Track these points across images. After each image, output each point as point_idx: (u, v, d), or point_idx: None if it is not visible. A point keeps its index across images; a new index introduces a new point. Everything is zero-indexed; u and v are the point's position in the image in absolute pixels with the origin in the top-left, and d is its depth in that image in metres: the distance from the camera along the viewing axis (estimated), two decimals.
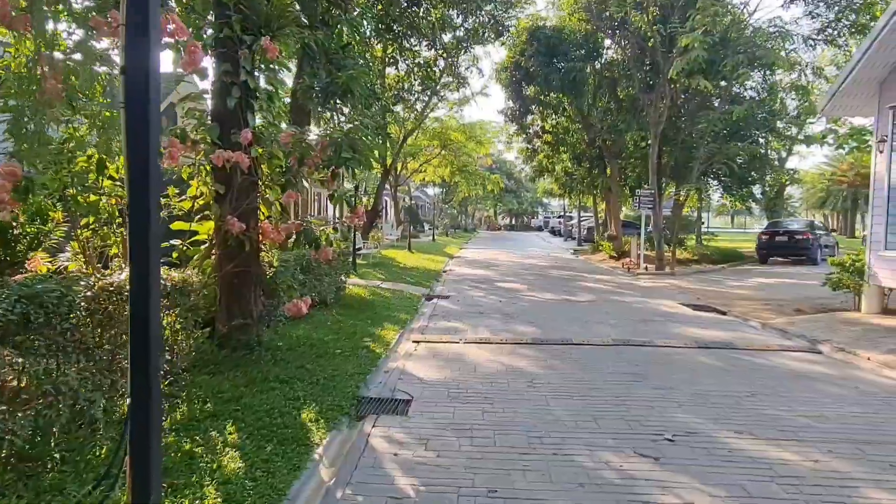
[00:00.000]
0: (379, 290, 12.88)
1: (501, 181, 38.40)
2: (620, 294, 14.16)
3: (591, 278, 17.66)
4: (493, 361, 7.21)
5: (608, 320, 10.35)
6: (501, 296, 13.38)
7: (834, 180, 44.54)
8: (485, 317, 10.51)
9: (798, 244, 20.91)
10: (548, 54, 21.50)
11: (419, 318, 10.34)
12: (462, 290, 14.43)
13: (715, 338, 8.93)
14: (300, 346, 7.10)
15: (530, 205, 76.10)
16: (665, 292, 14.60)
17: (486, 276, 17.89)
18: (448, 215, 52.56)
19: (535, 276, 17.89)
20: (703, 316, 11.16)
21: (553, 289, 14.85)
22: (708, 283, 16.47)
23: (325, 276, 9.87)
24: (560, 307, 11.88)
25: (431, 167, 33.60)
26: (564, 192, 31.34)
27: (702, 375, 6.68)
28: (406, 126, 22.98)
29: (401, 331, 8.84)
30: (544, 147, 26.53)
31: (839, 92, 10.30)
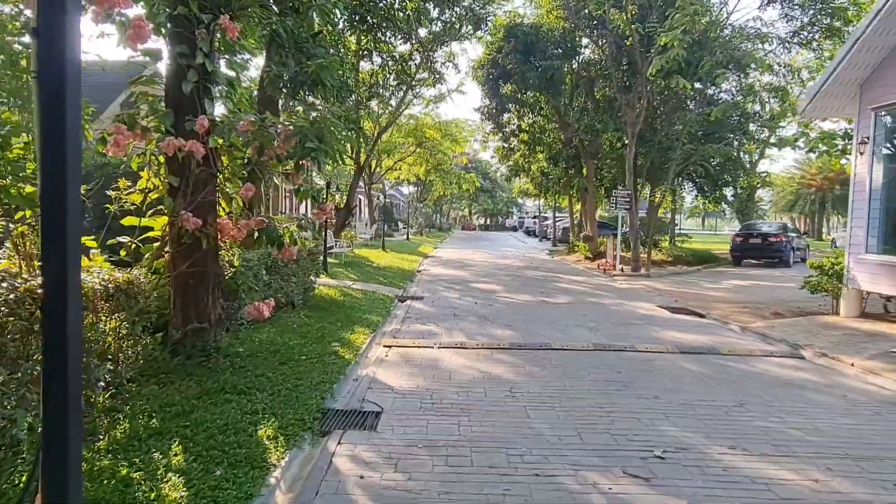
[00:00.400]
0: (350, 290, 12.41)
1: (477, 180, 38.06)
2: (597, 296, 13.91)
3: (568, 279, 17.42)
4: (470, 368, 6.83)
5: (587, 323, 10.05)
6: (477, 297, 13.02)
7: (803, 183, 45.37)
8: (460, 319, 10.13)
9: (771, 246, 21.02)
10: (525, 52, 21.22)
11: (391, 320, 9.90)
12: (436, 291, 14.03)
13: (696, 342, 8.69)
14: (263, 351, 6.62)
15: (505, 205, 75.99)
16: (642, 294, 14.41)
17: (460, 276, 17.52)
18: (423, 214, 52.08)
19: (511, 277, 17.58)
20: (682, 319, 10.94)
21: (529, 290, 14.55)
22: (684, 285, 16.36)
23: (293, 276, 9.38)
24: (537, 309, 11.56)
25: (406, 165, 33.09)
26: (540, 192, 31.15)
27: (686, 383, 6.39)
28: (380, 122, 22.48)
29: (372, 334, 8.40)
30: (521, 146, 26.27)
31: (820, 93, 10.17)
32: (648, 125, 21.16)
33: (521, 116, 25.46)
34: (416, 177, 36.00)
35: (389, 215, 50.90)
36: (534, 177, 29.40)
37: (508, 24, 22.01)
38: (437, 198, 52.06)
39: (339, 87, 10.66)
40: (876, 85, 9.62)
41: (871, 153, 9.47)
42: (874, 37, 9.21)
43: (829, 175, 44.79)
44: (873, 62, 9.53)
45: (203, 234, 5.65)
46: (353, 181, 20.41)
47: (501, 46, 22.23)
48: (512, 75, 21.92)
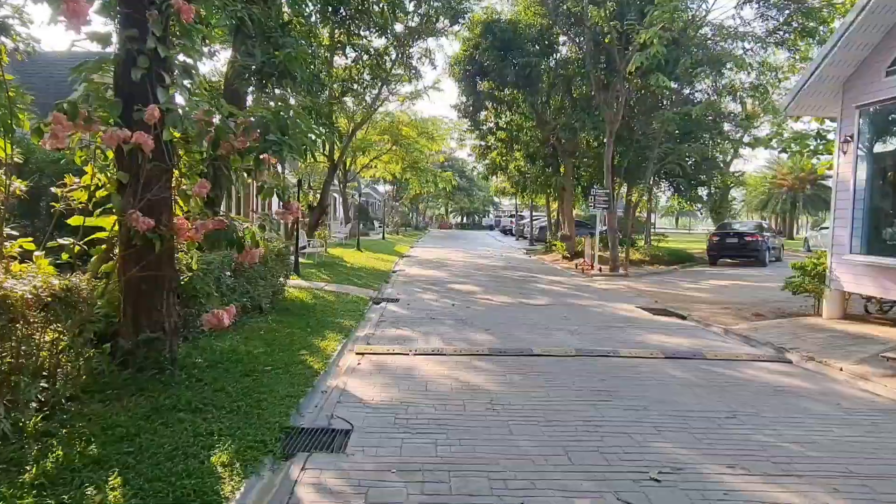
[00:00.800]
0: (323, 292, 11.92)
1: (453, 179, 37.68)
2: (577, 297, 13.64)
3: (546, 280, 17.15)
4: (447, 377, 6.43)
5: (568, 326, 9.73)
6: (454, 298, 12.63)
7: (774, 183, 45.98)
8: (437, 323, 9.73)
9: (748, 246, 21.04)
10: (502, 48, 20.90)
11: (365, 324, 9.45)
12: (412, 292, 13.61)
13: (680, 346, 8.43)
14: (224, 362, 6.13)
15: (482, 203, 75.78)
16: (622, 295, 14.19)
17: (437, 277, 17.12)
18: (399, 213, 51.53)
19: (489, 278, 17.24)
20: (663, 321, 10.71)
21: (508, 291, 14.21)
22: (663, 286, 16.20)
23: (261, 279, 8.87)
24: (517, 311, 11.21)
25: (382, 163, 32.56)
26: (517, 190, 30.90)
27: (675, 392, 6.08)
28: (355, 119, 21.94)
29: (344, 340, 7.95)
30: (498, 144, 25.96)
31: (803, 91, 10.00)
32: (625, 124, 21.02)
33: (498, 114, 25.15)
34: (392, 175, 35.49)
35: (365, 214, 50.26)
36: (511, 175, 29.14)
37: (486, 20, 21.66)
38: (414, 196, 51.56)
39: (311, 80, 10.18)
40: (859, 82, 9.47)
41: (854, 152, 9.32)
42: (857, 34, 9.05)
43: (800, 175, 45.41)
44: (856, 60, 9.38)
45: (156, 235, 5.15)
46: (327, 179, 19.84)
47: (478, 43, 21.88)
48: (489, 72, 21.59)
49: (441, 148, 34.58)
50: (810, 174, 44.21)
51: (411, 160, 31.67)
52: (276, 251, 9.72)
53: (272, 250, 9.46)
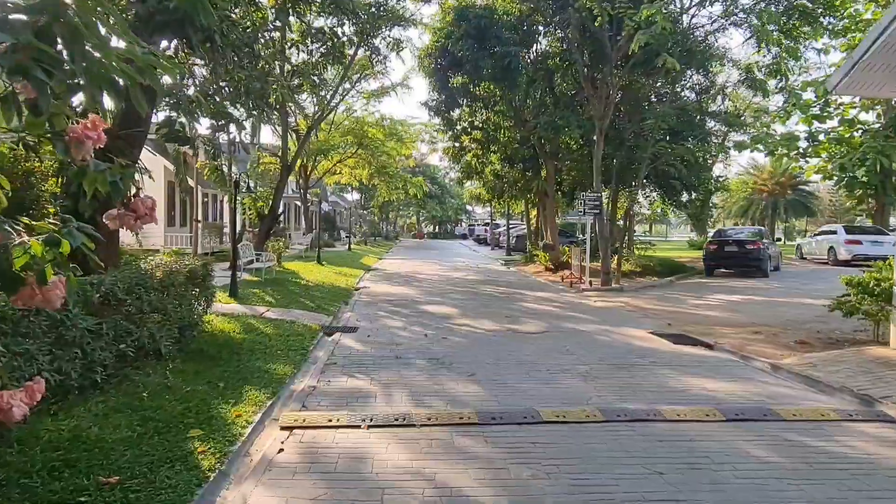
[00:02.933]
0: (260, 321, 9.43)
1: (425, 185, 35.28)
2: (574, 319, 11.39)
3: (533, 297, 14.89)
4: (417, 477, 4.06)
5: (575, 365, 7.45)
6: (427, 325, 10.25)
7: (755, 189, 44.83)
8: (405, 365, 7.34)
9: (749, 255, 19.16)
10: (478, 37, 18.71)
11: (306, 371, 7.01)
12: (376, 317, 11.19)
13: (732, 395, 6.23)
14: (41, 468, 3.65)
15: (455, 212, 73.56)
16: (625, 315, 12.00)
17: (407, 295, 14.72)
18: (367, 222, 48.90)
19: (467, 295, 14.90)
20: (690, 353, 8.51)
21: (491, 313, 11.90)
22: (666, 302, 14.08)
23: (156, 311, 6.37)
24: (506, 343, 8.88)
25: (347, 168, 30.05)
26: (493, 196, 28.73)
27: (774, 492, 3.82)
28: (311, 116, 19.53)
29: (268, 402, 5.52)
30: (473, 146, 23.72)
31: (861, 63, 7.94)
32: (610, 124, 19.01)
33: (473, 112, 22.93)
34: (359, 181, 33.02)
35: (331, 224, 47.59)
36: (486, 180, 26.95)
37: (459, 6, 19.46)
38: (382, 204, 49.05)
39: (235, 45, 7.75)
40: None
41: None
42: None
43: (780, 180, 44.35)
44: None
45: None
46: (279, 183, 17.28)
47: (451, 32, 19.64)
48: (463, 64, 19.35)
49: (411, 152, 32.24)
50: (790, 179, 43.14)
51: (379, 165, 29.25)
52: (185, 272, 7.23)
53: (177, 273, 6.97)
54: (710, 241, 20.88)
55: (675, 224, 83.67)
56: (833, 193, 50.70)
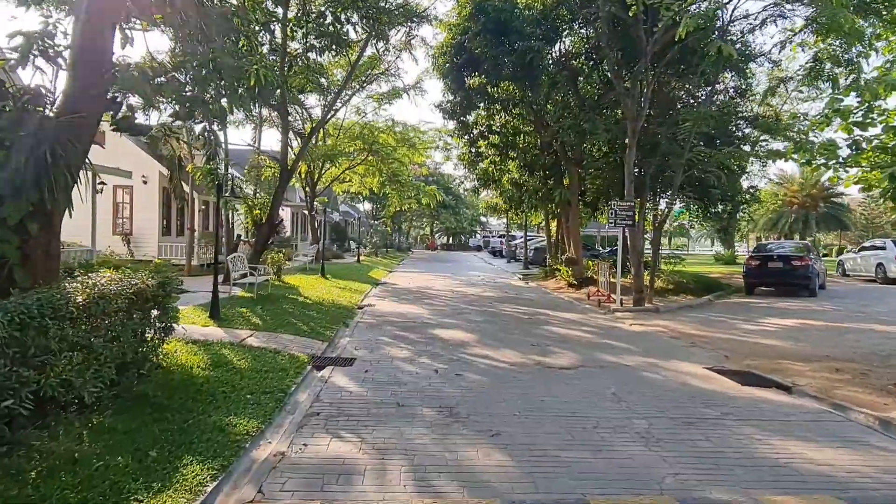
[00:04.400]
0: (236, 351, 7.82)
1: (438, 194, 33.65)
2: (611, 349, 9.65)
3: (559, 319, 13.16)
4: None
5: (630, 419, 5.75)
6: (438, 358, 8.58)
7: (785, 201, 42.63)
8: (407, 418, 5.68)
9: (795, 272, 17.27)
10: (497, 32, 17.16)
11: (278, 427, 5.37)
12: (378, 344, 9.53)
13: (851, 472, 4.54)
14: None
15: (469, 223, 71.75)
16: (669, 344, 10.25)
17: (416, 315, 13.06)
18: (379, 233, 47.33)
19: (485, 316, 13.21)
20: (766, 399, 6.78)
21: (514, 340, 10.20)
22: (711, 326, 12.30)
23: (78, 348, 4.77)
24: (535, 383, 7.19)
25: (357, 176, 28.54)
26: (510, 206, 27.02)
27: None
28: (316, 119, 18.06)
29: (209, 486, 3.90)
30: (490, 152, 22.09)
31: None
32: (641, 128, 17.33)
33: (490, 115, 21.32)
34: (370, 190, 31.52)
35: (342, 234, 46.16)
36: (504, 189, 25.28)
37: None
38: (394, 214, 47.48)
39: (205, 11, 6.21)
40: None
41: None
42: None
43: (811, 192, 42.19)
44: None
45: None
46: (278, 189, 15.73)
47: (468, 27, 18.13)
48: (481, 62, 17.80)
49: (424, 159, 30.67)
50: (823, 191, 40.97)
51: (390, 172, 27.71)
52: (129, 294, 5.64)
53: (115, 296, 5.38)
54: (752, 257, 18.98)
55: (696, 237, 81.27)
56: (866, 206, 48.39)
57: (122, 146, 20.00)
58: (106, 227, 20.40)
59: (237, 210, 16.53)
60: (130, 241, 20.07)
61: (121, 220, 20.75)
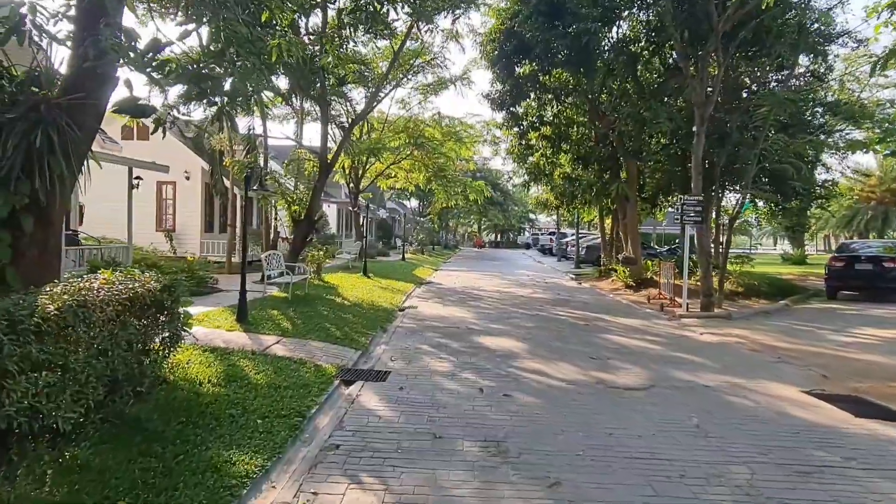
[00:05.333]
0: (259, 361, 6.98)
1: (486, 189, 32.47)
2: (684, 364, 8.38)
3: (619, 325, 11.89)
4: None
5: (727, 465, 4.57)
6: (483, 370, 7.54)
7: (862, 196, 39.45)
8: (444, 455, 4.65)
9: (888, 274, 15.38)
10: (550, 14, 15.90)
11: (287, 464, 4.44)
12: (417, 354, 8.55)
13: None
14: None
15: (518, 219, 70.22)
16: (750, 358, 8.89)
17: (461, 319, 12.03)
18: (425, 230, 46.52)
19: (535, 321, 12.08)
20: (893, 437, 5.43)
21: (570, 350, 9.04)
22: (796, 336, 10.80)
23: (48, 367, 3.94)
24: (599, 409, 6.04)
25: (402, 171, 27.73)
26: (561, 203, 25.60)
27: None
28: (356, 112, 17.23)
29: None
30: (542, 144, 20.79)
31: None
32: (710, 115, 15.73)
33: (542, 105, 20.04)
34: (416, 186, 30.66)
35: (388, 231, 45.64)
36: (555, 184, 23.94)
37: None
38: (441, 210, 46.53)
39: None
40: None
41: None
42: None
43: (892, 186, 38.90)
44: None
45: None
46: (317, 183, 14.96)
47: (518, 10, 16.95)
48: (532, 48, 16.57)
49: (471, 154, 29.53)
50: None
51: (436, 167, 26.75)
52: (122, 300, 4.82)
53: (103, 303, 4.56)
54: (836, 258, 17.10)
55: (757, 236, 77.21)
56: None
57: (162, 139, 19.73)
58: (150, 223, 20.26)
59: (273, 205, 15.87)
60: (173, 238, 19.80)
61: (164, 217, 20.53)
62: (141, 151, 17.33)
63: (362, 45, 19.68)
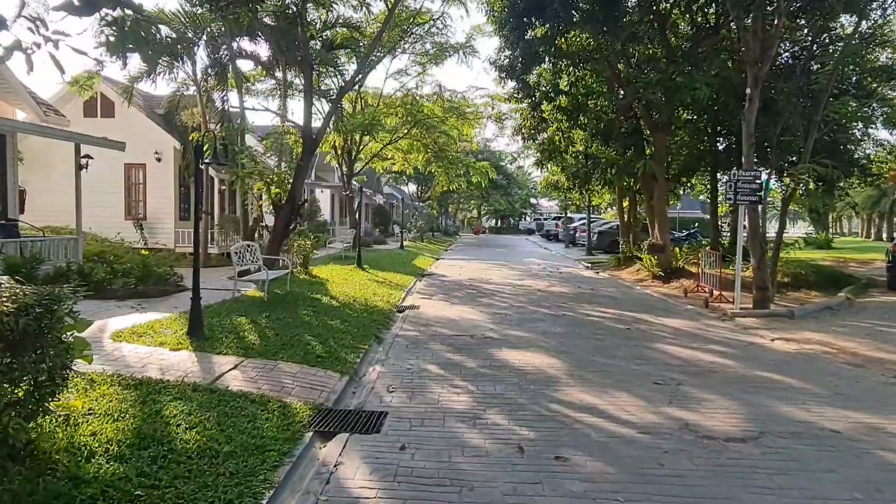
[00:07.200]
0: (200, 402, 4.87)
1: (492, 170, 30.14)
2: (777, 388, 6.29)
3: (665, 328, 9.78)
4: None
5: None
6: (516, 410, 5.44)
7: (889, 176, 37.03)
8: None
9: None
10: None
11: None
12: (422, 382, 6.43)
13: None
14: None
15: (521, 204, 67.79)
16: (853, 375, 6.83)
17: (473, 323, 9.92)
18: (424, 216, 44.22)
19: (564, 325, 9.97)
20: None
21: (622, 371, 6.94)
22: (888, 340, 8.73)
23: None
24: (706, 489, 3.94)
25: (399, 152, 25.44)
26: (573, 184, 23.39)
27: None
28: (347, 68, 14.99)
29: None
30: (557, 117, 18.53)
31: None
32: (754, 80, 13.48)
33: (558, 72, 17.75)
34: (415, 169, 28.41)
35: (386, 218, 43.45)
36: (568, 164, 21.72)
37: None
38: (441, 194, 44.29)
39: None
40: None
41: None
42: None
43: None
44: None
45: None
46: (301, 162, 12.67)
47: None
48: (549, 3, 14.30)
49: (473, 132, 27.22)
50: None
51: (437, 147, 24.50)
52: None
53: None
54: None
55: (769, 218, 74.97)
56: None
57: (131, 117, 17.52)
58: (118, 211, 18.07)
59: (251, 188, 13.69)
60: (144, 227, 17.62)
61: (134, 203, 18.33)
62: (107, 129, 15.15)
63: (353, 9, 17.48)
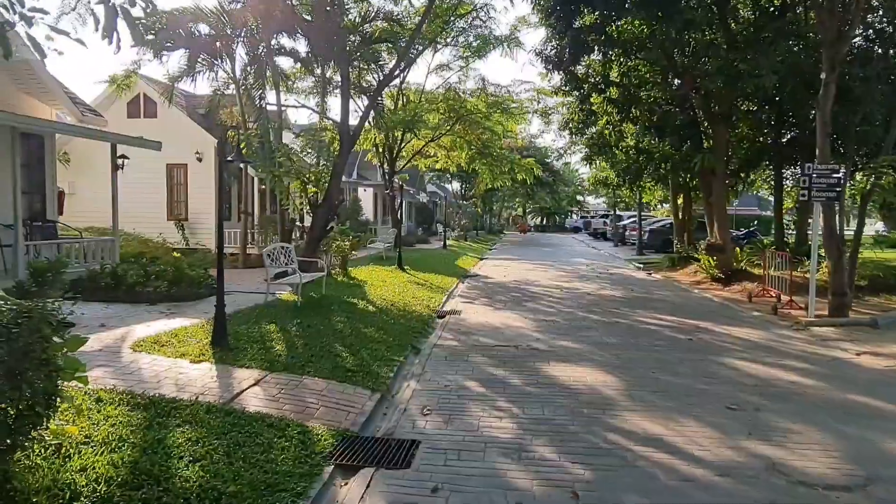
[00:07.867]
0: (214, 424, 4.35)
1: (537, 167, 29.17)
2: (875, 417, 5.38)
3: (732, 338, 8.83)
4: None
5: None
6: (567, 440, 4.73)
7: None
8: None
9: None
10: None
11: None
12: (461, 403, 5.78)
13: None
14: None
15: (568, 202, 66.12)
16: None
17: (518, 331, 9.19)
18: (468, 214, 43.46)
19: (619, 335, 9.13)
20: None
21: (687, 391, 6.12)
22: None
23: None
24: None
25: (442, 150, 24.83)
26: (623, 180, 22.26)
27: None
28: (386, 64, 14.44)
29: None
30: (608, 109, 17.50)
31: None
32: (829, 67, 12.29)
33: (608, 62, 16.77)
34: (458, 166, 27.76)
35: (429, 217, 43.00)
36: (618, 160, 20.63)
37: None
38: (485, 192, 43.42)
39: None
40: None
41: None
42: None
43: None
44: None
45: None
46: (337, 160, 12.20)
47: None
48: None
49: (518, 128, 26.32)
50: None
51: (480, 144, 23.79)
52: None
53: None
54: None
55: None
56: None
57: (173, 117, 17.51)
58: (160, 211, 18.11)
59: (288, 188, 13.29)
60: (185, 227, 17.58)
61: (175, 204, 18.33)
62: (150, 130, 15.10)
63: (393, 2, 16.96)
